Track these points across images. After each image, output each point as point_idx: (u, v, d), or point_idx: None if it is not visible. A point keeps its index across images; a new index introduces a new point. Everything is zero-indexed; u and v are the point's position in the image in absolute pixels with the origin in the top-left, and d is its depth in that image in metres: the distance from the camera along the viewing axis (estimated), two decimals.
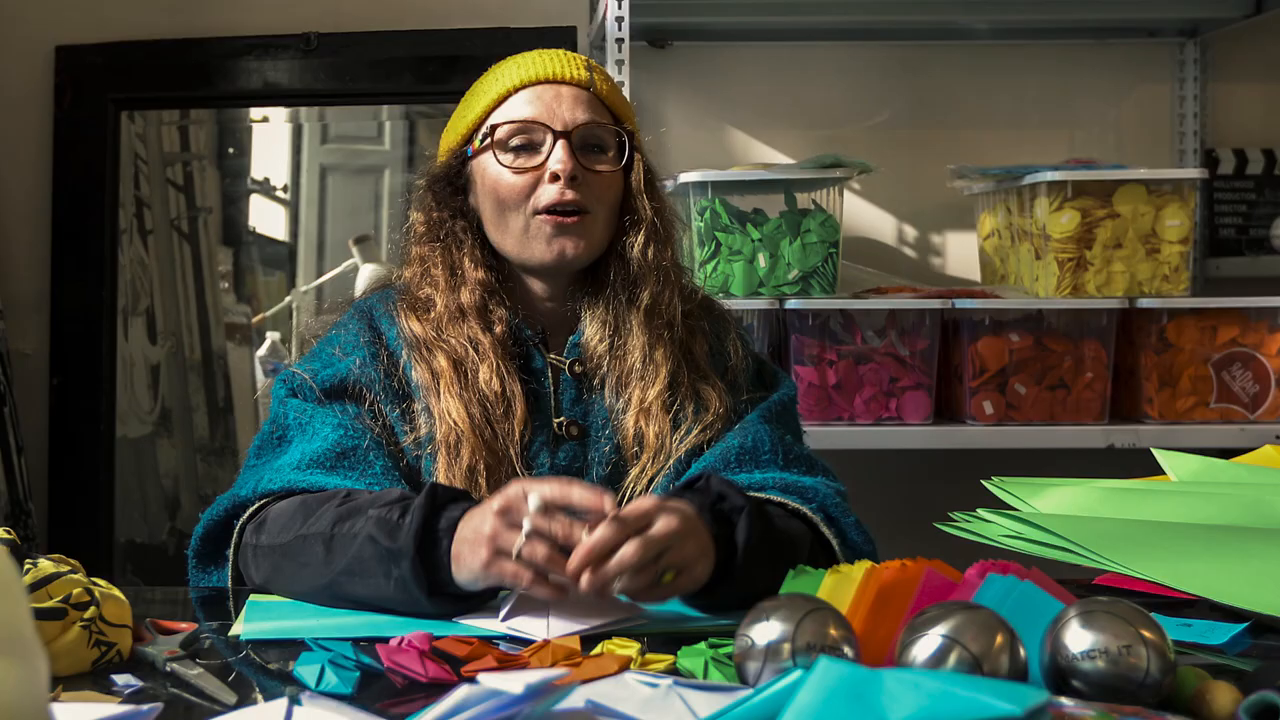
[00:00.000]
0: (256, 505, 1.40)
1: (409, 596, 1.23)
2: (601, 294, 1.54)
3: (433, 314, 1.52)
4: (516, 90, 1.52)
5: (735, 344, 1.61)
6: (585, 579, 1.16)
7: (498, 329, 1.51)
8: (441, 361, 1.49)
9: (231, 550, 1.41)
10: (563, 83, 1.52)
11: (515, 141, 1.51)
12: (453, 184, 1.57)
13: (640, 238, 1.53)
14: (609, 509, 1.18)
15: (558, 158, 1.48)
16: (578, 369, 1.53)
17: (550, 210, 1.48)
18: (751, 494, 1.37)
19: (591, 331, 1.53)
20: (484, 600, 1.26)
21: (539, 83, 1.52)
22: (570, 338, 1.55)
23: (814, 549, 1.41)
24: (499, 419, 1.48)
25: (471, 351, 1.50)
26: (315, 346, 1.57)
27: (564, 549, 1.18)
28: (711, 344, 1.60)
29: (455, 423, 1.46)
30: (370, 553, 1.25)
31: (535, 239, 1.50)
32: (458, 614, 1.24)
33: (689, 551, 1.21)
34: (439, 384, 1.49)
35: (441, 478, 1.46)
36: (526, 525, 1.18)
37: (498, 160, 1.51)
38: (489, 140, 1.52)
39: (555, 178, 1.48)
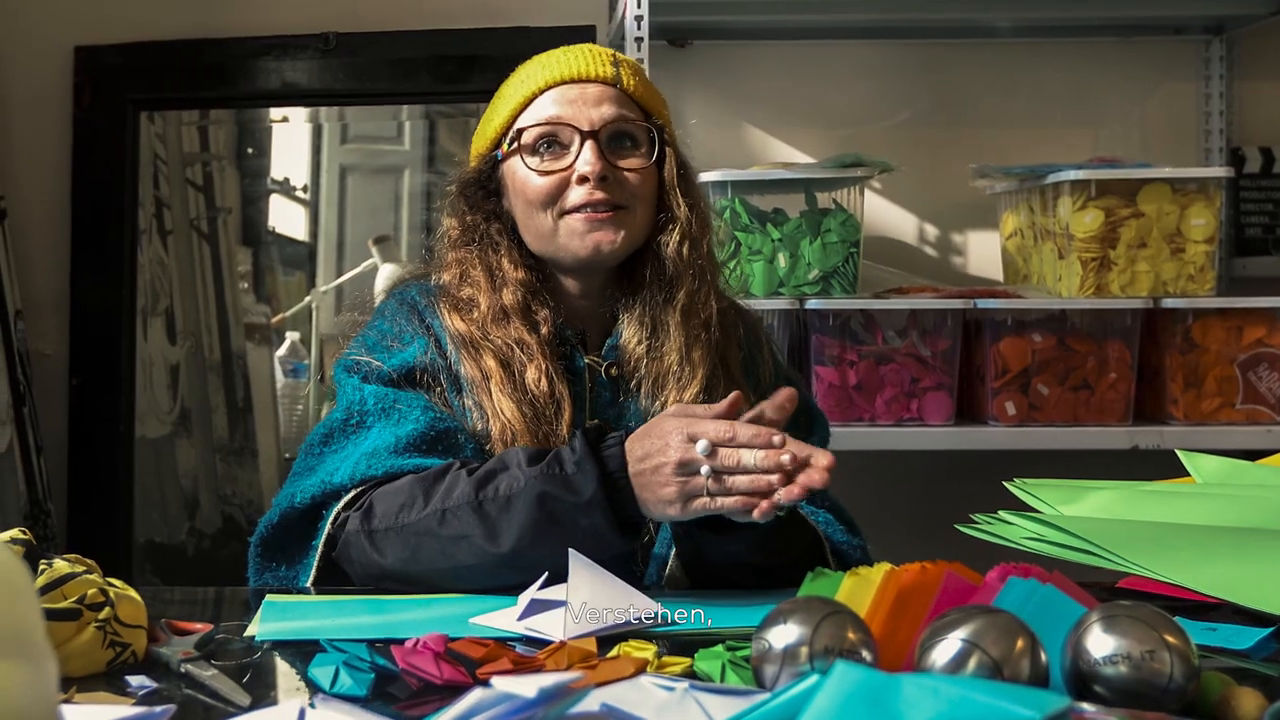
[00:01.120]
0: (356, 492, 1.39)
1: (600, 543, 1.28)
2: (639, 294, 1.53)
3: (476, 314, 1.51)
4: (542, 91, 1.52)
5: (765, 355, 1.61)
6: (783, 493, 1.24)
7: (544, 329, 1.51)
8: (490, 361, 1.48)
9: (322, 540, 1.40)
10: (588, 81, 1.52)
11: (542, 144, 1.51)
12: (484, 188, 1.57)
13: (675, 235, 1.52)
14: (778, 442, 1.25)
15: (585, 159, 1.48)
16: (614, 371, 1.53)
17: (580, 210, 1.48)
18: None
19: (630, 334, 1.52)
20: None
21: (564, 83, 1.52)
22: (608, 340, 1.54)
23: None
24: (550, 419, 1.48)
25: (519, 352, 1.49)
26: (364, 336, 1.55)
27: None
28: (745, 354, 1.59)
29: (510, 421, 1.45)
30: (546, 513, 1.29)
31: (569, 237, 1.49)
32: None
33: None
34: (489, 383, 1.48)
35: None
36: (705, 470, 1.25)
37: (525, 164, 1.51)
38: (516, 144, 1.52)
39: (584, 180, 1.47)
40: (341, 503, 1.39)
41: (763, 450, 1.25)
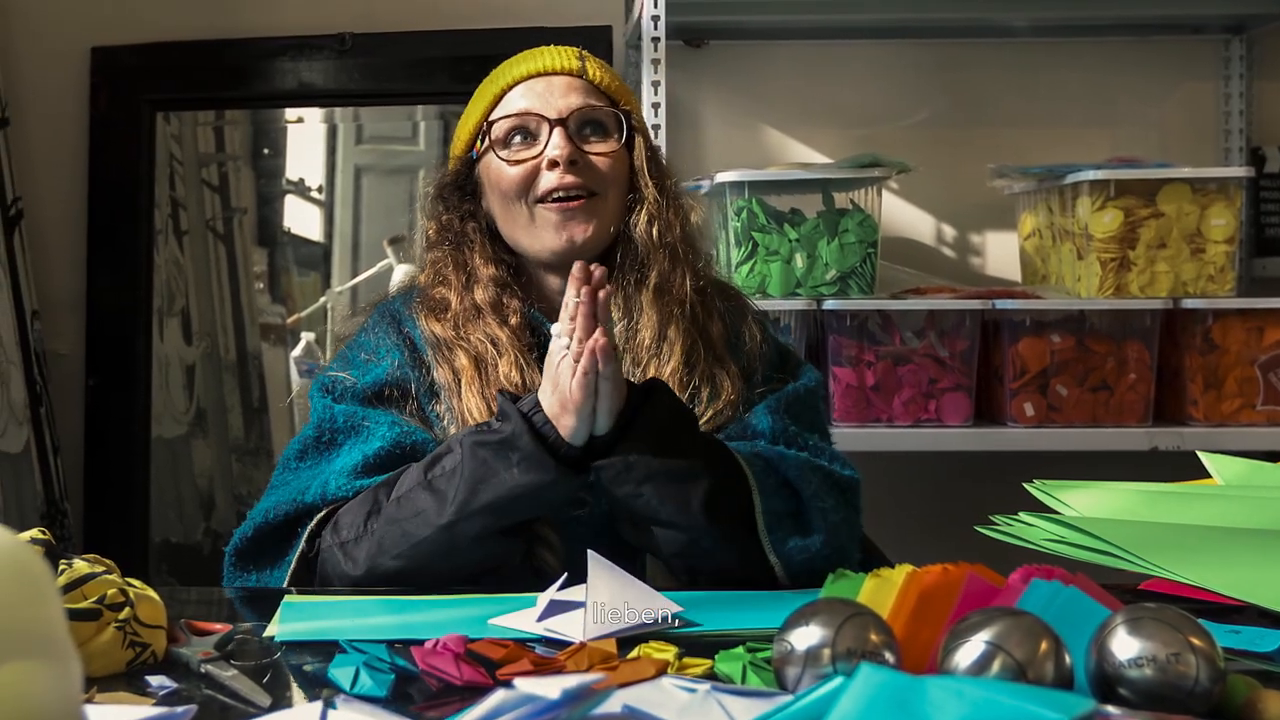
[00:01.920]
0: (327, 511, 1.43)
1: (541, 473, 1.32)
2: (609, 277, 1.53)
3: (450, 313, 1.54)
4: (510, 87, 1.56)
5: (752, 329, 1.60)
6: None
7: (513, 320, 1.53)
8: (462, 360, 1.51)
9: (296, 555, 1.43)
10: (554, 74, 1.55)
11: (514, 135, 1.54)
12: (461, 189, 1.60)
13: (643, 216, 1.55)
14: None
15: (554, 144, 1.50)
16: None
17: (553, 197, 1.50)
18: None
19: None
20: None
21: (531, 77, 1.55)
22: None
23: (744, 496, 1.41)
24: None
25: (491, 348, 1.51)
26: (345, 351, 1.59)
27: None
28: (729, 327, 1.58)
29: (477, 421, 1.47)
30: (480, 461, 1.33)
31: (543, 229, 1.52)
32: (580, 488, 1.37)
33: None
34: (460, 383, 1.50)
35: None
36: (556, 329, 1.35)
37: (498, 156, 1.53)
38: (488, 139, 1.55)
39: (554, 164, 1.50)
40: (314, 522, 1.43)
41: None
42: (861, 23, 2.70)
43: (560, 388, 1.33)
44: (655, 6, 2.34)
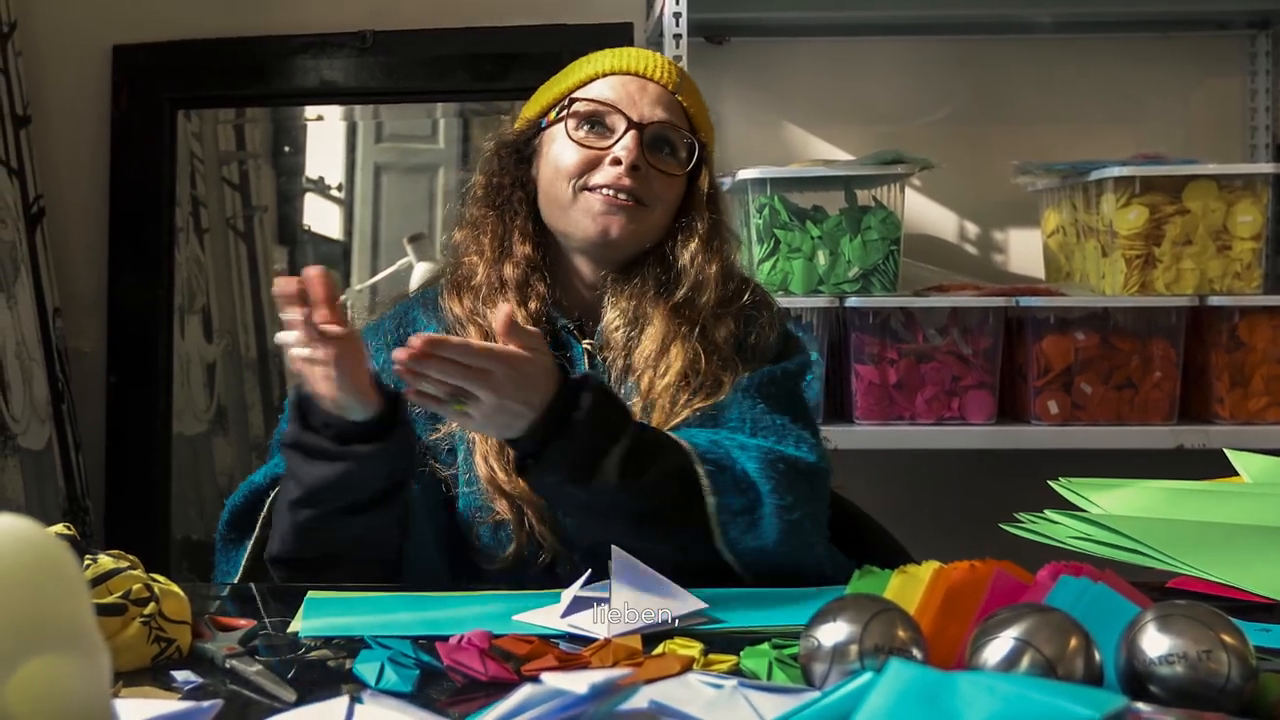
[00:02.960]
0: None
1: (302, 446, 1.34)
2: (629, 284, 1.54)
3: (473, 283, 1.54)
4: (605, 75, 1.55)
5: (763, 328, 1.58)
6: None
7: (533, 304, 1.52)
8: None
9: (256, 529, 1.44)
10: (651, 80, 1.54)
11: (590, 120, 1.53)
12: (519, 151, 1.59)
13: (690, 246, 1.54)
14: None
15: (624, 145, 1.50)
16: (604, 355, 1.54)
17: (602, 190, 1.49)
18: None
19: (610, 317, 1.53)
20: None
21: (628, 73, 1.54)
22: (598, 325, 1.55)
23: (692, 493, 1.38)
24: None
25: None
26: None
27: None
28: (738, 328, 1.56)
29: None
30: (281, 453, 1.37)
31: (582, 214, 1.51)
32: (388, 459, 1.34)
33: (507, 390, 1.28)
34: None
35: (477, 459, 1.48)
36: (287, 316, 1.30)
37: (567, 132, 1.53)
38: (565, 112, 1.54)
39: (617, 162, 1.49)
40: (267, 505, 1.44)
41: None
42: (883, 19, 2.69)
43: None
44: (677, 3, 2.34)
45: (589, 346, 1.54)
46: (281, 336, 1.31)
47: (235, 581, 1.44)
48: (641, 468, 1.34)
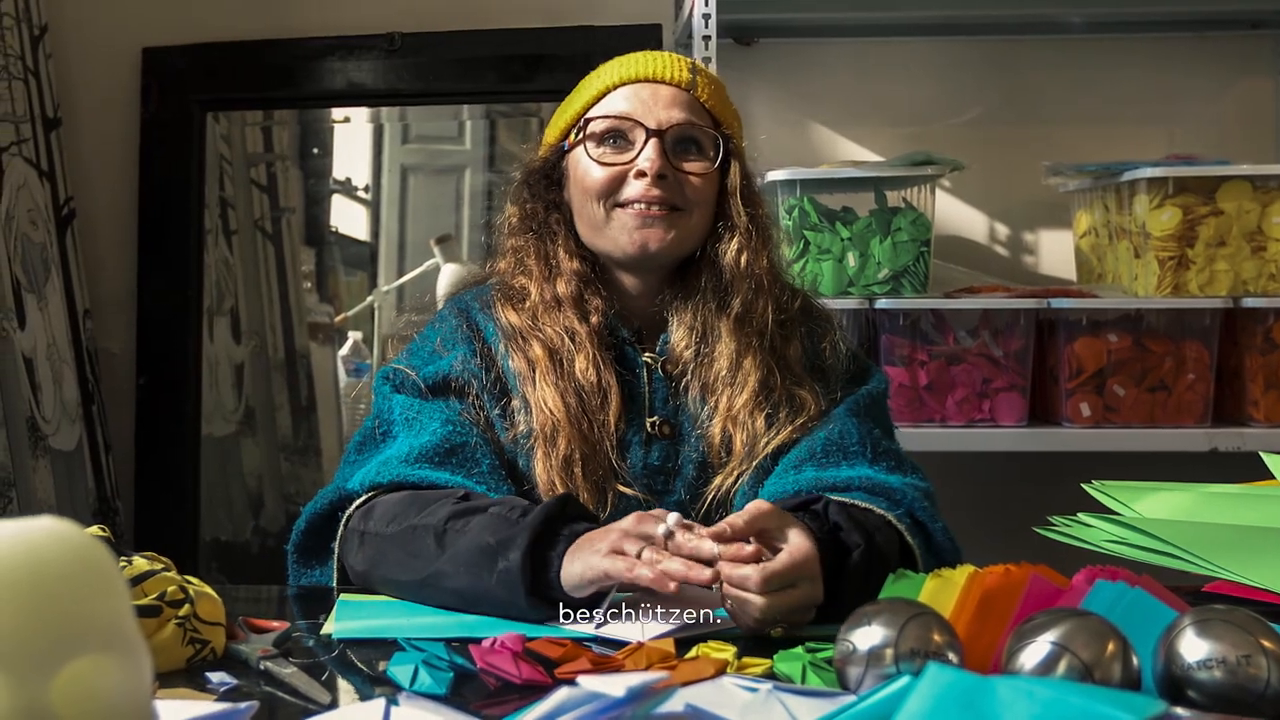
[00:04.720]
0: (366, 497, 1.40)
1: (507, 593, 1.22)
2: (691, 299, 1.52)
3: (528, 303, 1.52)
4: (616, 87, 1.53)
5: (832, 344, 1.58)
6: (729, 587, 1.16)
7: (594, 319, 1.51)
8: (537, 350, 1.49)
9: (337, 542, 1.40)
10: (663, 83, 1.52)
11: (609, 137, 1.51)
12: (548, 177, 1.58)
13: (733, 243, 1.52)
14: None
15: (646, 155, 1.48)
16: (669, 368, 1.52)
17: (634, 205, 1.48)
18: (837, 496, 1.35)
19: (678, 336, 1.52)
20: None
21: (639, 81, 1.53)
22: (661, 336, 1.54)
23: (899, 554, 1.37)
24: (595, 410, 1.47)
25: (567, 341, 1.49)
26: (413, 343, 1.57)
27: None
28: (806, 346, 1.56)
29: (551, 411, 1.45)
30: (479, 544, 1.24)
31: (618, 231, 1.50)
32: (546, 619, 1.22)
33: (800, 597, 1.18)
34: (535, 373, 1.48)
35: (539, 470, 1.45)
36: (672, 519, 1.19)
37: (588, 153, 1.51)
38: (582, 134, 1.53)
39: (642, 175, 1.48)
40: (353, 507, 1.40)
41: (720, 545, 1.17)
42: (912, 20, 2.68)
43: (613, 553, 1.19)
44: (705, 5, 2.33)
45: (650, 360, 1.52)
46: (675, 517, 1.21)
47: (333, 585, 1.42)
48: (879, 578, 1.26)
